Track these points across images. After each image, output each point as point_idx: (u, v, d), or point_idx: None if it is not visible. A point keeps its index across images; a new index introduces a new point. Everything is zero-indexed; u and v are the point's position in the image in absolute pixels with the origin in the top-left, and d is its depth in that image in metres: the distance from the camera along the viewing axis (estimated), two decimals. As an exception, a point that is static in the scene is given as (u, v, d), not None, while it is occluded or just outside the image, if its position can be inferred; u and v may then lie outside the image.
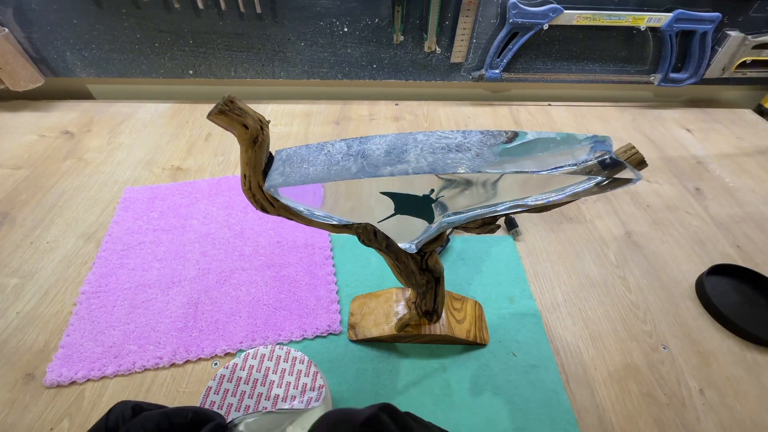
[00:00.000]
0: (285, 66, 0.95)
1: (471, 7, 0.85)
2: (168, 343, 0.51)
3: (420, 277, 0.42)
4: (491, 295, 0.58)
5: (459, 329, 0.51)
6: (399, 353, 0.52)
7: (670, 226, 0.71)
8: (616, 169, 0.28)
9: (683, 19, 0.87)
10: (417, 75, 0.98)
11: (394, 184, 0.29)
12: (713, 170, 0.84)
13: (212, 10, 0.85)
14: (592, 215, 0.72)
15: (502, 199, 0.31)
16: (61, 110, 0.93)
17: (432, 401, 0.48)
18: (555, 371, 0.50)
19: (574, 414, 0.47)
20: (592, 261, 0.64)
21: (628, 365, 0.52)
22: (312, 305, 0.56)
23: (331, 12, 0.86)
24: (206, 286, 0.58)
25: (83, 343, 0.51)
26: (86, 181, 0.75)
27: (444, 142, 0.30)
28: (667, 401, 0.48)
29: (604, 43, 0.94)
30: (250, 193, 0.32)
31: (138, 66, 0.93)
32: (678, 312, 0.58)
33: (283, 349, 0.43)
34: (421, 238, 0.37)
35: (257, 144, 0.29)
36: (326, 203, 0.31)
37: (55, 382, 0.47)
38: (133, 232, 0.65)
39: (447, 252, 0.65)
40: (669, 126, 0.98)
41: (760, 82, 1.03)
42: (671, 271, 0.63)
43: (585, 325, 0.56)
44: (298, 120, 0.94)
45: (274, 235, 0.66)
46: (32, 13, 0.84)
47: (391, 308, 0.53)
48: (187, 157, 0.82)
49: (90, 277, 0.58)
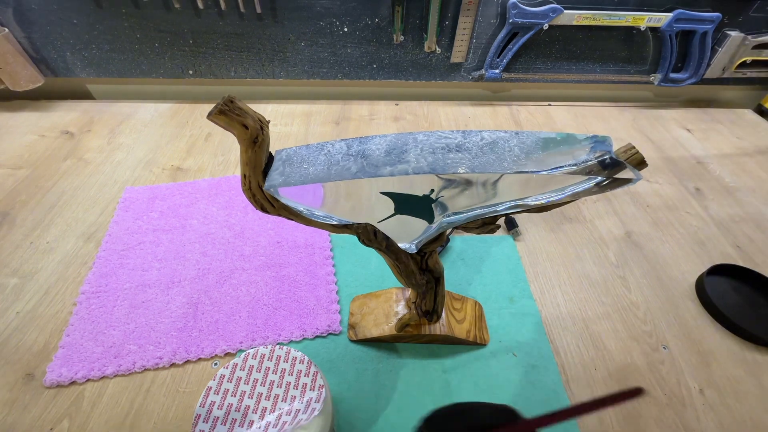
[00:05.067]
0: (285, 66, 0.95)
1: (471, 7, 0.85)
2: (168, 343, 0.51)
3: (420, 277, 0.42)
4: (491, 295, 0.58)
5: (459, 329, 0.51)
6: (399, 353, 0.52)
7: (670, 226, 0.71)
8: (616, 169, 0.28)
9: (683, 19, 0.87)
10: (417, 75, 0.98)
11: (394, 184, 0.29)
12: (713, 170, 0.84)
13: (212, 10, 0.85)
14: (592, 215, 0.72)
15: (502, 199, 0.31)
16: (61, 110, 0.93)
17: (432, 401, 0.48)
18: (555, 371, 0.50)
19: (574, 414, 0.47)
20: (592, 261, 0.64)
21: (628, 365, 0.52)
22: (312, 305, 0.56)
23: (331, 12, 0.86)
24: (206, 286, 0.58)
25: (83, 343, 0.51)
26: (86, 181, 0.75)
27: (444, 142, 0.30)
28: (667, 401, 0.48)
29: (604, 43, 0.94)
30: (250, 193, 0.32)
31: (138, 66, 0.93)
32: (678, 312, 0.58)
33: (283, 349, 0.43)
34: (421, 238, 0.37)
35: (257, 144, 0.29)
36: (326, 203, 0.31)
37: (55, 382, 0.47)
38: (133, 232, 0.65)
39: (447, 252, 0.65)
40: (669, 126, 0.98)
41: (760, 82, 1.03)
42: (671, 271, 0.63)
43: (585, 325, 0.56)
44: (298, 120, 0.94)
45: (274, 235, 0.65)
46: (32, 13, 0.84)
47: (391, 308, 0.53)
48: (187, 157, 0.82)
49: (90, 277, 0.58)
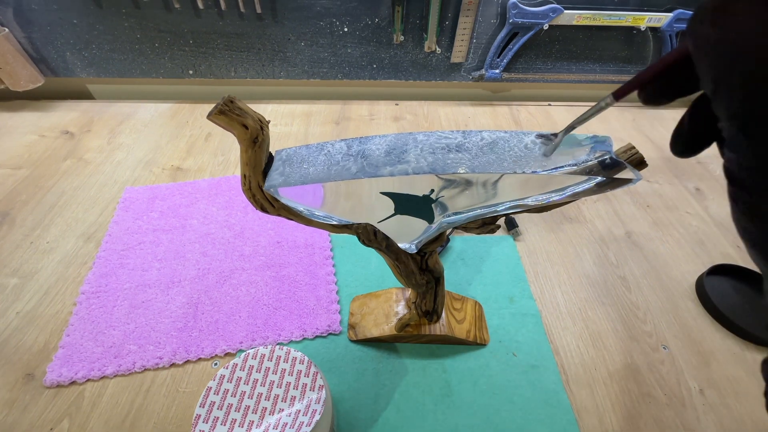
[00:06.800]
0: (285, 66, 0.95)
1: (471, 7, 0.85)
2: (168, 343, 0.51)
3: (420, 277, 0.42)
4: (491, 295, 0.58)
5: (459, 329, 0.51)
6: (399, 353, 0.52)
7: (670, 226, 0.71)
8: (616, 169, 0.28)
9: (683, 19, 0.87)
10: (417, 75, 0.98)
11: (394, 184, 0.29)
12: (713, 170, 0.84)
13: (212, 10, 0.85)
14: (592, 215, 0.72)
15: (502, 199, 0.31)
16: (61, 110, 0.93)
17: (432, 401, 0.48)
18: (555, 371, 0.50)
19: (574, 414, 0.47)
20: (592, 261, 0.64)
21: (628, 365, 0.52)
22: (312, 305, 0.56)
23: (331, 12, 0.86)
24: (206, 286, 0.58)
25: (83, 343, 0.51)
26: (86, 181, 0.75)
27: (444, 142, 0.30)
28: (667, 401, 0.48)
29: (604, 43, 0.94)
30: (250, 193, 0.32)
31: (138, 66, 0.93)
32: (678, 312, 0.58)
33: (283, 349, 0.43)
34: (421, 238, 0.37)
35: (257, 144, 0.29)
36: (326, 203, 0.31)
37: (55, 382, 0.47)
38: (133, 232, 0.65)
39: (447, 252, 0.65)
40: (669, 126, 0.98)
41: (760, 82, 1.03)
42: (671, 271, 0.63)
43: (585, 325, 0.56)
44: (298, 120, 0.94)
45: (274, 235, 0.66)
46: (32, 13, 0.84)
47: (391, 308, 0.53)
48: (187, 157, 0.82)
49: (90, 277, 0.58)
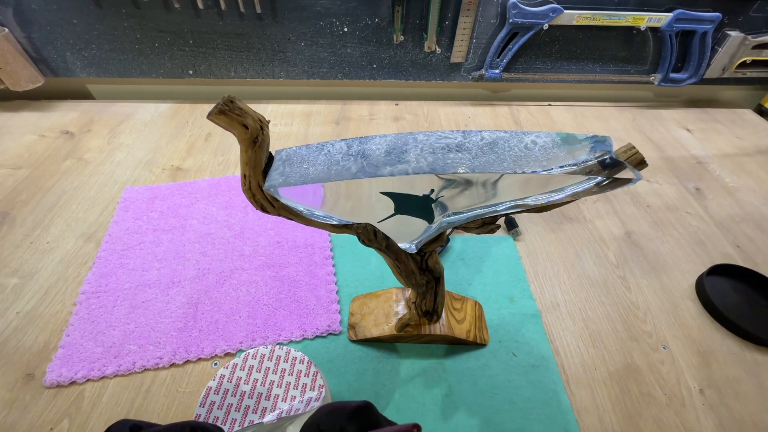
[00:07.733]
0: (285, 66, 0.95)
1: (471, 7, 0.85)
2: (168, 343, 0.51)
3: (420, 277, 0.42)
4: (491, 295, 0.58)
5: (459, 329, 0.51)
6: (399, 353, 0.52)
7: (670, 226, 0.71)
8: (616, 169, 0.28)
9: (683, 19, 0.87)
10: (417, 75, 0.98)
11: (394, 184, 0.29)
12: (713, 170, 0.84)
13: (212, 10, 0.85)
14: (592, 215, 0.72)
15: (502, 199, 0.31)
16: (61, 110, 0.93)
17: (432, 401, 0.48)
18: (555, 371, 0.50)
19: (574, 414, 0.47)
20: (592, 261, 0.64)
21: (628, 365, 0.52)
22: (312, 305, 0.56)
23: (331, 12, 0.86)
24: (206, 286, 0.58)
25: (83, 343, 0.51)
26: (86, 181, 0.75)
27: (444, 142, 0.30)
28: (667, 401, 0.48)
29: (604, 43, 0.94)
30: (250, 193, 0.32)
31: (138, 66, 0.93)
32: (678, 312, 0.58)
33: (283, 349, 0.43)
34: (421, 238, 0.37)
35: (257, 144, 0.29)
36: (326, 203, 0.31)
37: (55, 382, 0.47)
38: (133, 232, 0.65)
39: (447, 252, 0.65)
40: (669, 126, 0.98)
41: (760, 82, 1.03)
42: (671, 271, 0.63)
43: (585, 325, 0.56)
44: (298, 120, 0.94)
45: (274, 235, 0.65)
46: (32, 13, 0.84)
47: (391, 308, 0.53)
48: (187, 157, 0.82)
49: (90, 277, 0.58)
